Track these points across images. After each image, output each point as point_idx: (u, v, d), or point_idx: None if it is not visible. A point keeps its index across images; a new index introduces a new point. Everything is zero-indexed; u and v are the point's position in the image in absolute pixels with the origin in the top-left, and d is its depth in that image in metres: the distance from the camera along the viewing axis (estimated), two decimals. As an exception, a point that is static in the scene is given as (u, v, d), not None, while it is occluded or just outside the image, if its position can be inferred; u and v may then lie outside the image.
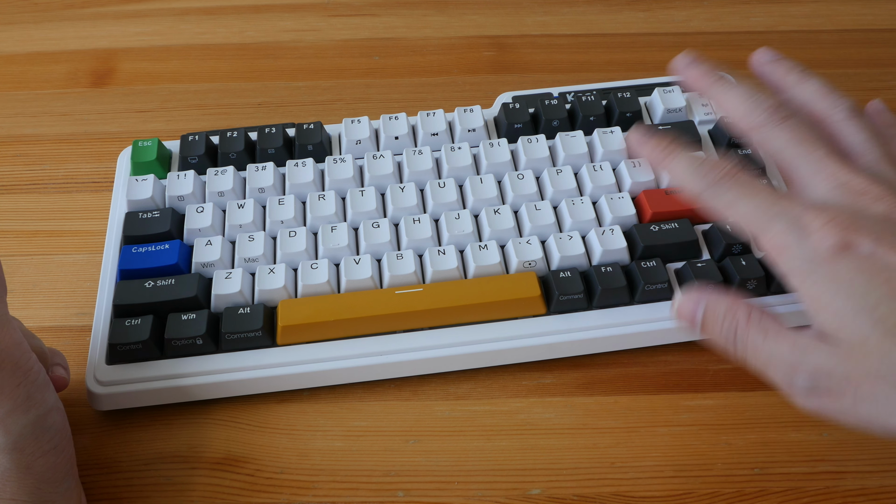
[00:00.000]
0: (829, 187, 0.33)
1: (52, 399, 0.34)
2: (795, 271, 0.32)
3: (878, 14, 0.62)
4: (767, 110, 0.36)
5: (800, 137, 0.35)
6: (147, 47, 0.61)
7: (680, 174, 0.36)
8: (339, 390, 0.42)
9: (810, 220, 0.31)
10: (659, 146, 0.38)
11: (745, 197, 0.33)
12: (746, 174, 0.34)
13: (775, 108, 0.36)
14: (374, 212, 0.45)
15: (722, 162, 0.35)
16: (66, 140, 0.55)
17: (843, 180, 0.33)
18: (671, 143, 0.37)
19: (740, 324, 0.32)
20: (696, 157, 0.35)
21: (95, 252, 0.48)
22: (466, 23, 0.63)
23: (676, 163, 0.36)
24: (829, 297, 0.30)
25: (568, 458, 0.39)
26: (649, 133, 0.39)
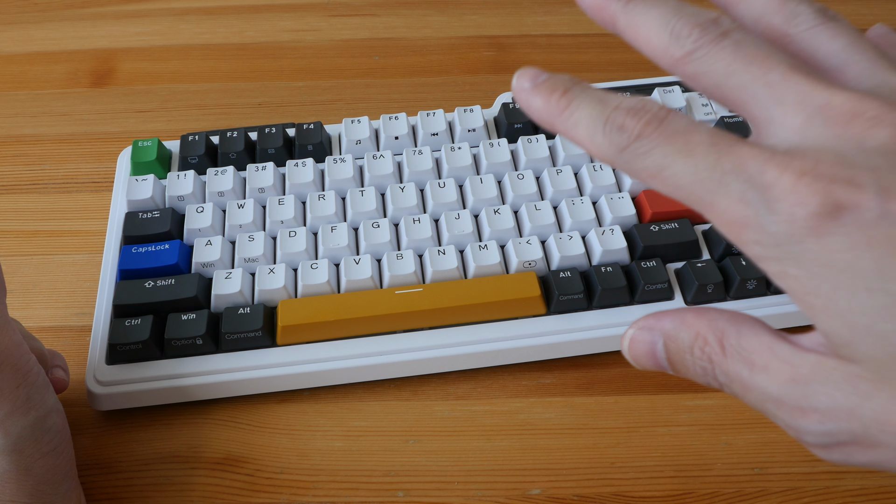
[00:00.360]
0: (800, 120, 0.22)
1: (52, 401, 0.34)
2: (768, 257, 0.22)
3: (877, 14, 0.62)
4: (696, 27, 0.24)
5: (747, 57, 0.23)
6: (147, 47, 0.61)
7: (583, 133, 0.24)
8: (339, 390, 0.42)
9: (775, 176, 0.21)
10: (553, 95, 0.25)
11: (677, 155, 0.22)
12: (676, 118, 0.23)
13: (706, 24, 0.24)
14: (374, 212, 0.45)
15: (639, 108, 0.23)
16: (66, 140, 0.55)
17: (819, 103, 0.22)
18: (570, 88, 0.25)
19: (714, 355, 0.24)
20: (604, 102, 0.24)
21: (95, 252, 0.48)
22: (466, 23, 0.63)
23: (573, 115, 0.24)
24: (827, 292, 0.21)
25: (568, 458, 0.39)
26: (538, 78, 0.25)
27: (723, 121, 0.49)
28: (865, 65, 0.24)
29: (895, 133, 0.21)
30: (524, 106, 0.25)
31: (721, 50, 0.23)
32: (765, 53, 0.23)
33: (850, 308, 0.20)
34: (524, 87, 0.25)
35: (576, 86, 0.25)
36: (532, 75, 0.25)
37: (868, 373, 0.21)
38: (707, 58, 0.24)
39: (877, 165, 0.21)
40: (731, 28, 0.24)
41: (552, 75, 0.25)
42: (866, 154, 0.21)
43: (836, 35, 0.25)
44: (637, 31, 0.25)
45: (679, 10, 0.24)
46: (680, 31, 0.24)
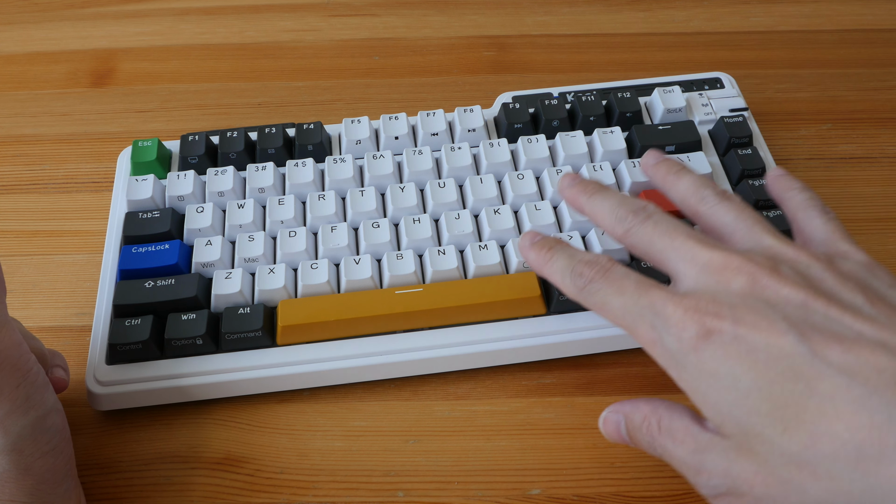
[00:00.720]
0: (694, 273, 0.32)
1: (52, 400, 0.34)
2: (669, 366, 0.31)
3: (878, 14, 0.62)
4: (630, 213, 0.35)
5: (662, 230, 0.34)
6: (147, 47, 0.61)
7: (558, 277, 0.35)
8: (339, 390, 0.42)
9: (671, 311, 0.30)
10: (542, 251, 0.37)
11: (614, 295, 0.33)
12: (617, 269, 0.33)
13: (637, 210, 0.35)
14: (374, 212, 0.45)
15: (593, 261, 0.34)
16: (66, 140, 0.55)
17: (703, 261, 0.32)
18: (553, 247, 0.37)
19: (653, 432, 0.32)
20: (573, 256, 0.35)
21: (95, 252, 0.48)
22: (466, 23, 0.63)
23: (552, 265, 0.36)
24: (704, 390, 0.30)
25: (568, 458, 0.39)
26: (535, 238, 0.38)
27: (722, 120, 0.49)
28: (746, 231, 0.34)
29: (749, 280, 0.31)
30: (524, 256, 0.38)
31: (645, 227, 0.35)
32: (673, 227, 0.34)
33: (718, 401, 0.29)
34: (525, 245, 0.38)
35: (557, 244, 0.37)
36: (531, 236, 0.38)
37: (734, 445, 0.29)
38: (638, 233, 0.35)
39: (735, 303, 0.30)
40: (652, 212, 0.35)
41: (545, 238, 0.38)
42: (730, 295, 0.30)
43: (727, 210, 0.35)
44: (595, 214, 0.37)
45: (622, 202, 0.36)
46: (621, 216, 0.36)
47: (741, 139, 0.48)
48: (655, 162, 0.40)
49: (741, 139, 0.48)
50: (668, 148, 0.48)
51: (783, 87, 0.57)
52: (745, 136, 0.48)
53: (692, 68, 0.58)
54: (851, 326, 0.29)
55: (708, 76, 0.53)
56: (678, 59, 0.59)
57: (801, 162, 0.52)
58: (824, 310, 0.29)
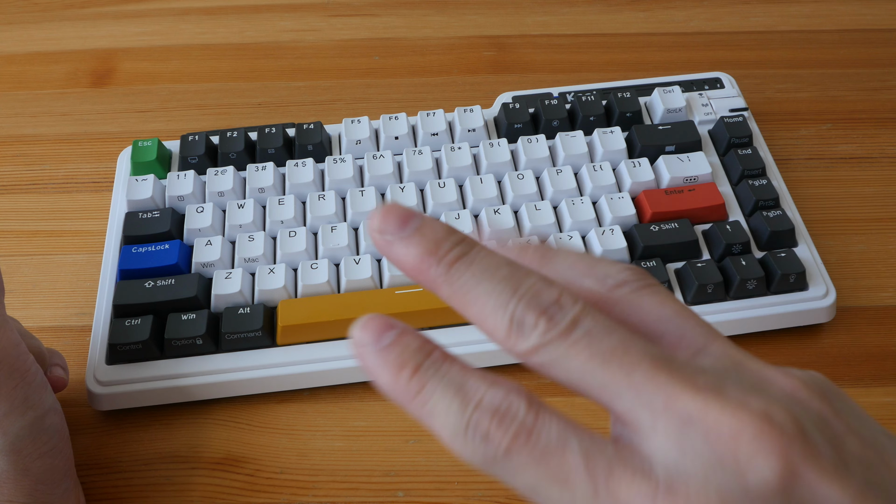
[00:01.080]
0: (673, 431, 0.20)
1: (50, 400, 0.34)
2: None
3: (878, 14, 0.62)
4: (542, 318, 0.21)
5: (605, 352, 0.20)
6: (147, 47, 0.61)
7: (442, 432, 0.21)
8: (339, 390, 0.42)
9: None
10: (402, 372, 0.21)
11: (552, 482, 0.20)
12: (547, 429, 0.20)
13: (552, 311, 0.21)
14: (374, 212, 0.45)
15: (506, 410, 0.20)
16: (66, 140, 0.55)
17: (691, 411, 0.20)
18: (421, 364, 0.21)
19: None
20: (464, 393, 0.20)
21: (95, 252, 0.48)
22: (466, 23, 0.63)
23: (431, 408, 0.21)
24: None
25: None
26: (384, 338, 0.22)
27: (722, 120, 0.49)
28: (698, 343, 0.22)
29: (780, 465, 0.19)
30: (370, 377, 0.21)
31: (574, 345, 0.20)
32: (623, 346, 0.20)
33: None
34: (365, 351, 0.21)
35: (427, 360, 0.21)
36: (375, 332, 0.21)
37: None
38: (558, 354, 0.20)
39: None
40: (580, 314, 0.21)
41: (399, 337, 0.21)
42: (747, 493, 0.19)
43: (665, 301, 0.23)
44: (468, 307, 0.21)
45: (516, 286, 0.21)
46: (522, 318, 0.21)
47: (741, 139, 0.48)
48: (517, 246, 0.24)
49: (741, 139, 0.48)
50: (668, 148, 0.48)
51: (783, 87, 0.57)
52: (745, 136, 0.48)
53: (692, 68, 0.58)
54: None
55: (708, 76, 0.53)
56: (678, 59, 0.59)
57: (801, 162, 0.52)
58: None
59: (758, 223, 0.44)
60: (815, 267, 0.43)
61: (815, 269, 0.43)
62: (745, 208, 0.46)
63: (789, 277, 0.42)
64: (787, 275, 0.42)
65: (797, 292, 0.42)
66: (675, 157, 0.47)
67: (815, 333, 0.44)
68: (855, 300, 0.45)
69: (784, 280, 0.42)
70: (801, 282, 0.42)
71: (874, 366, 0.43)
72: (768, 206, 0.45)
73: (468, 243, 0.22)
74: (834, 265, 0.46)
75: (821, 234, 0.48)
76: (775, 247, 0.44)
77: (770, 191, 0.45)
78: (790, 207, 0.46)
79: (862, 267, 0.47)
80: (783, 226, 0.44)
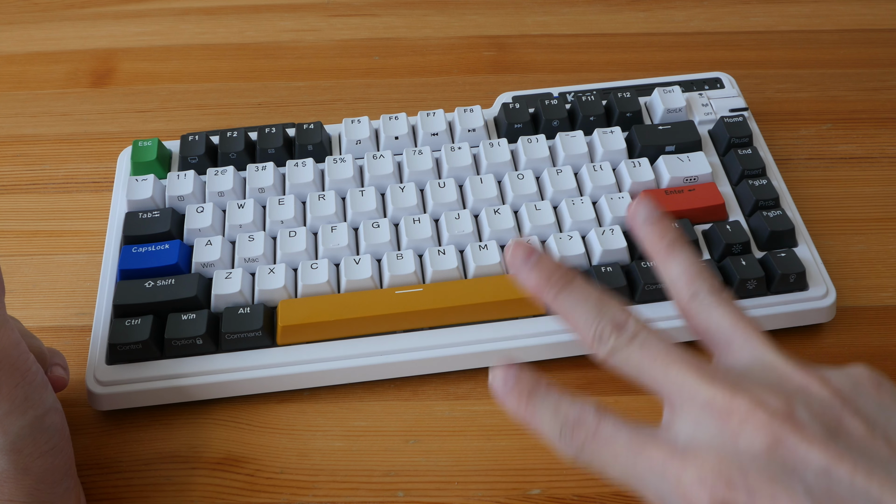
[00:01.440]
0: (693, 414, 0.28)
1: (51, 400, 0.34)
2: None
3: (878, 14, 0.62)
4: (613, 330, 0.31)
5: (651, 355, 0.30)
6: (147, 47, 0.61)
7: (546, 436, 0.31)
8: (339, 390, 0.42)
9: (673, 477, 0.27)
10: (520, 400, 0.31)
11: (610, 459, 0.29)
12: (605, 427, 0.29)
13: (620, 325, 0.31)
14: (374, 212, 0.45)
15: (580, 421, 0.30)
16: (66, 140, 0.55)
17: (703, 399, 0.28)
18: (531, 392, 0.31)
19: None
20: (557, 411, 0.30)
21: (95, 252, 0.48)
22: (466, 23, 0.63)
23: (538, 419, 0.31)
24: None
25: (565, 458, 0.39)
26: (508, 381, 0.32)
27: (722, 120, 0.49)
28: (743, 342, 0.31)
29: (764, 436, 0.27)
30: (499, 397, 0.32)
31: (631, 350, 0.30)
32: (665, 352, 0.30)
33: None
34: (499, 386, 0.32)
35: (537, 392, 0.31)
36: (503, 377, 0.32)
37: None
38: (622, 356, 0.31)
39: (747, 467, 0.26)
40: (638, 330, 0.31)
41: (519, 380, 0.31)
42: (739, 455, 0.27)
43: (724, 314, 0.31)
44: (568, 320, 0.32)
45: (601, 310, 0.31)
46: (602, 332, 0.31)
47: (741, 139, 0.48)
48: (645, 219, 0.34)
49: (741, 139, 0.48)
50: (668, 148, 0.48)
51: (783, 87, 0.57)
52: (745, 136, 0.48)
53: (692, 68, 0.58)
54: (879, 500, 0.25)
55: (708, 76, 0.53)
56: (678, 59, 0.59)
57: (801, 162, 0.52)
58: (849, 478, 0.25)
59: (758, 223, 0.44)
60: (815, 267, 0.43)
61: (815, 269, 0.43)
62: (745, 208, 0.46)
63: (789, 277, 0.42)
64: (787, 275, 0.42)
65: (797, 292, 0.42)
66: (675, 157, 0.47)
67: (815, 333, 0.44)
68: (855, 300, 0.45)
69: (784, 280, 0.42)
70: (801, 282, 0.42)
71: (874, 366, 0.42)
72: (768, 206, 0.45)
73: (570, 276, 0.32)
74: (834, 265, 0.46)
75: (821, 234, 0.48)
76: (775, 247, 0.44)
77: (770, 191, 0.45)
78: (790, 207, 0.46)
79: (862, 267, 0.47)
80: (783, 226, 0.44)
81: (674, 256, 0.33)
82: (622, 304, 0.32)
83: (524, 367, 0.32)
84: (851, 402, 0.28)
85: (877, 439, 0.27)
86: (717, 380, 0.28)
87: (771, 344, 0.30)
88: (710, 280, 0.32)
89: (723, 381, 0.28)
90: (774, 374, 0.29)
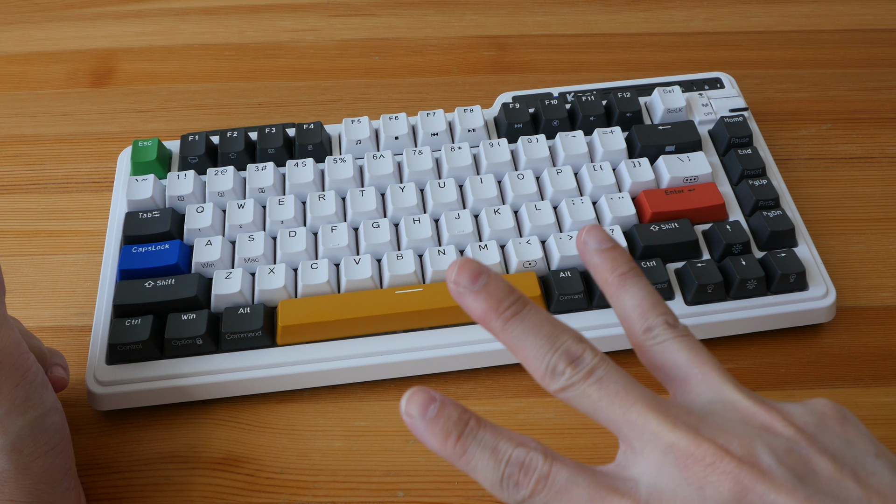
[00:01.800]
0: (656, 458, 0.27)
1: (51, 399, 0.34)
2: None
3: (878, 14, 0.62)
4: (567, 364, 0.28)
5: (610, 393, 0.28)
6: (147, 47, 0.61)
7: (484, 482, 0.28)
8: (339, 390, 0.42)
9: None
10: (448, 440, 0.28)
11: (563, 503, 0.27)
12: (560, 474, 0.27)
13: (576, 360, 0.28)
14: (374, 212, 0.45)
15: (528, 464, 0.27)
16: (66, 140, 0.55)
17: (666, 442, 0.27)
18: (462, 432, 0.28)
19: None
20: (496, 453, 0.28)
21: (95, 252, 0.48)
22: (466, 23, 0.63)
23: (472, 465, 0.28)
24: None
25: (568, 457, 0.39)
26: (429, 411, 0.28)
27: (722, 120, 0.49)
28: (701, 378, 0.29)
29: (730, 486, 0.25)
30: (422, 441, 0.28)
31: (588, 387, 0.28)
32: (625, 390, 0.28)
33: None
34: (414, 422, 0.28)
35: (465, 428, 0.28)
36: (421, 406, 0.28)
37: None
38: (577, 394, 0.28)
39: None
40: (596, 365, 0.28)
41: (441, 409, 0.28)
42: (705, 502, 0.26)
43: (680, 348, 0.30)
44: (517, 352, 0.29)
45: (553, 341, 0.29)
46: (555, 366, 0.28)
47: (741, 139, 0.48)
48: (596, 249, 0.33)
49: (741, 139, 0.48)
50: (668, 148, 0.48)
51: (783, 87, 0.57)
52: (745, 136, 0.48)
53: (692, 68, 0.58)
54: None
55: (708, 76, 0.53)
56: (678, 59, 0.59)
57: (801, 162, 0.52)
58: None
59: (758, 223, 0.44)
60: (815, 267, 0.43)
61: (815, 269, 0.43)
62: (745, 208, 0.46)
63: (789, 277, 0.42)
64: (787, 275, 0.42)
65: (797, 292, 0.42)
66: (675, 157, 0.47)
67: (815, 333, 0.44)
68: (855, 300, 0.45)
69: (784, 280, 0.42)
70: (801, 282, 0.42)
71: (874, 366, 0.43)
72: (768, 206, 0.45)
73: (522, 302, 0.29)
74: (834, 265, 0.46)
75: (821, 234, 0.48)
76: (775, 247, 0.44)
77: (770, 191, 0.45)
78: (790, 207, 0.46)
79: (862, 267, 0.47)
80: (783, 226, 0.44)
81: (626, 288, 0.31)
82: (577, 334, 0.29)
83: (449, 399, 0.28)
84: (817, 439, 0.27)
85: (845, 477, 0.26)
86: (679, 422, 0.27)
87: (729, 379, 0.29)
88: (665, 313, 0.31)
89: (686, 424, 0.27)
90: (736, 413, 0.28)
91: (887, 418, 0.40)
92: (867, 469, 0.27)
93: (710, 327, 0.42)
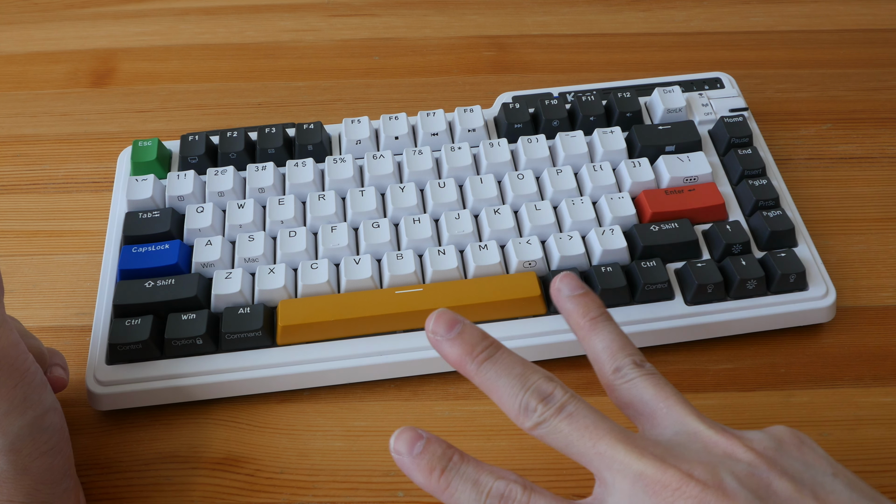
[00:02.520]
0: (626, 487, 0.29)
1: (50, 400, 0.34)
2: None
3: (878, 14, 0.62)
4: (539, 402, 0.31)
5: (580, 427, 0.30)
6: (147, 47, 0.61)
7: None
8: (339, 390, 0.42)
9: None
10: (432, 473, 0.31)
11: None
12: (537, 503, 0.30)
13: (547, 398, 0.31)
14: (374, 212, 0.45)
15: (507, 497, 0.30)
16: (66, 140, 0.55)
17: (635, 471, 0.29)
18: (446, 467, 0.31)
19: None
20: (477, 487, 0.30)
21: (95, 252, 0.48)
22: (466, 23, 0.63)
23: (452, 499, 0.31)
24: None
25: (568, 457, 0.39)
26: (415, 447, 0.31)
27: (722, 120, 0.49)
28: (666, 412, 0.31)
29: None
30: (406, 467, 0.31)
31: (559, 423, 0.30)
32: (594, 425, 0.30)
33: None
34: (402, 459, 0.31)
35: (449, 463, 0.30)
36: (408, 443, 0.31)
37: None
38: (550, 429, 0.30)
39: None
40: (567, 401, 0.31)
41: (427, 445, 0.31)
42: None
43: (647, 385, 0.32)
44: (491, 393, 0.32)
45: (524, 382, 0.31)
46: (527, 404, 0.31)
47: (741, 139, 0.48)
48: (569, 295, 0.35)
49: (741, 139, 0.48)
50: (668, 148, 0.48)
51: (783, 87, 0.57)
52: (745, 136, 0.48)
53: (692, 68, 0.58)
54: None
55: (708, 76, 0.53)
56: (678, 59, 0.59)
57: (801, 162, 0.52)
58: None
59: (758, 223, 0.44)
60: (815, 267, 0.43)
61: (815, 269, 0.43)
62: (745, 208, 0.46)
63: (789, 277, 0.42)
64: (787, 275, 0.42)
65: (797, 292, 0.42)
66: (675, 157, 0.47)
67: (815, 333, 0.44)
68: (855, 300, 0.45)
69: (784, 280, 0.42)
70: (801, 282, 0.42)
71: (874, 366, 0.43)
72: (768, 206, 0.45)
73: (494, 347, 0.32)
74: (834, 265, 0.46)
75: (821, 234, 0.48)
76: (775, 247, 0.44)
77: (770, 191, 0.45)
78: (790, 207, 0.46)
79: (862, 267, 0.47)
80: (783, 226, 0.44)
81: (597, 332, 0.34)
82: (547, 374, 0.32)
83: (435, 437, 0.31)
84: (777, 463, 0.29)
85: (805, 496, 0.28)
86: (646, 452, 0.29)
87: (692, 411, 0.31)
88: (632, 353, 0.33)
89: (652, 454, 0.29)
90: (700, 443, 0.30)
91: (887, 418, 0.40)
92: (826, 488, 0.29)
93: (709, 327, 0.42)
